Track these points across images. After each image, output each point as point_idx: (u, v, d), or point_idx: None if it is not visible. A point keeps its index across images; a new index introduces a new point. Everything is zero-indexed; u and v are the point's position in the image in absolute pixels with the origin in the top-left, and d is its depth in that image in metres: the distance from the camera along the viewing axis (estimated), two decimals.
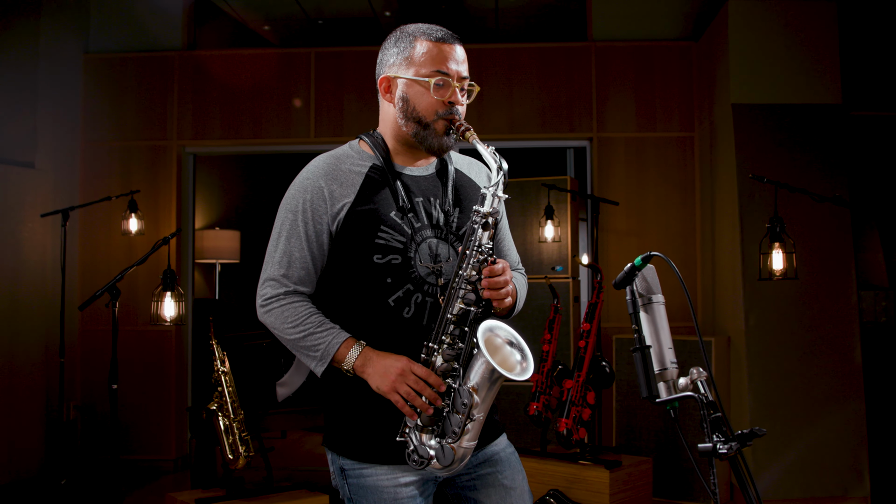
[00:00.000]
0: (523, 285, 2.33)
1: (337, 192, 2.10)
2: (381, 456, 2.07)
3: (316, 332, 2.07)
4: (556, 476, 4.74)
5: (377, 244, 2.08)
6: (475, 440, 1.99)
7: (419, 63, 2.10)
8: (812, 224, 5.07)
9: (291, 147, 6.48)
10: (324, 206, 2.10)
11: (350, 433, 2.13)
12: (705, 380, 1.70)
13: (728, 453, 1.60)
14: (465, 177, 2.28)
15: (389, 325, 2.09)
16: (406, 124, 2.14)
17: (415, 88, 2.11)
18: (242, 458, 4.36)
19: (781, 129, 5.26)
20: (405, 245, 2.09)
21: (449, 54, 2.11)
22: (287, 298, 2.11)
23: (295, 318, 2.09)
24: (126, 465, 6.16)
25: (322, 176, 2.12)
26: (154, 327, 5.15)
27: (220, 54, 6.61)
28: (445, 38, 2.13)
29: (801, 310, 5.08)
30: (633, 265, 1.79)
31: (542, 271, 5.90)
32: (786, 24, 5.34)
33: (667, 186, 6.19)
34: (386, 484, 2.07)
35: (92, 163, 6.43)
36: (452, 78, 2.10)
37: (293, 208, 2.12)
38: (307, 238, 2.10)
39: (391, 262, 2.08)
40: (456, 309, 1.99)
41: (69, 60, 6.34)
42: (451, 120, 2.11)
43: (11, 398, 5.41)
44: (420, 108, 2.11)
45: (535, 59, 6.41)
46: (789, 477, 4.99)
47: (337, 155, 2.18)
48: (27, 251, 5.58)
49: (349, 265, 2.12)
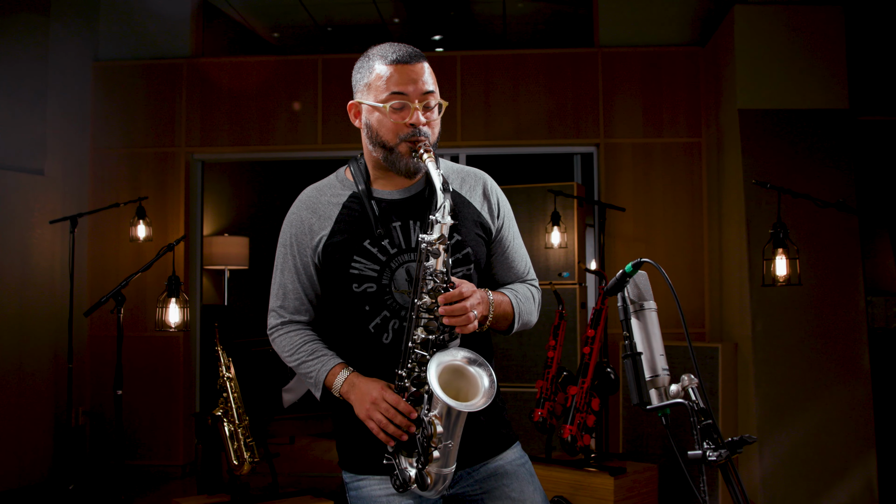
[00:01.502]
0: (529, 298, 2.28)
1: (316, 225, 2.16)
2: (373, 467, 2.09)
3: (308, 361, 2.16)
4: (561, 483, 4.73)
5: (352, 274, 2.11)
6: (450, 466, 1.97)
7: (376, 88, 2.08)
8: (819, 229, 5.05)
9: (299, 154, 6.51)
10: (306, 239, 2.17)
11: (346, 447, 2.19)
12: (696, 387, 1.69)
13: (717, 461, 1.60)
14: (456, 195, 2.22)
15: (371, 351, 2.12)
16: (374, 149, 2.14)
17: (375, 114, 2.09)
18: (247, 464, 4.37)
19: (788, 134, 5.24)
20: (379, 273, 2.11)
21: (405, 75, 2.06)
22: (284, 328, 2.22)
23: (291, 347, 2.20)
24: (135, 471, 6.19)
25: (304, 209, 2.20)
26: (159, 333, 5.17)
27: (228, 61, 6.65)
28: (401, 58, 2.07)
29: (808, 316, 5.05)
30: (623, 272, 1.78)
31: (548, 277, 5.89)
32: (792, 28, 5.32)
33: (674, 192, 6.17)
34: (379, 493, 2.10)
35: (101, 170, 6.47)
36: (411, 98, 2.05)
37: (284, 242, 2.21)
38: (296, 271, 2.19)
39: (367, 291, 2.11)
40: (418, 337, 1.98)
41: (78, 68, 6.38)
42: (413, 142, 2.06)
43: (21, 403, 5.44)
44: (382, 133, 2.09)
45: (541, 65, 6.41)
46: (797, 484, 4.96)
47: (320, 187, 2.24)
48: (36, 257, 5.62)
49: (333, 294, 2.18)
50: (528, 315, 2.26)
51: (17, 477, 5.36)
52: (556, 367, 4.90)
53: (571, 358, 5.68)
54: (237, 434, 4.40)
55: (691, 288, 6.09)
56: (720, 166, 5.73)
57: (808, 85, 5.28)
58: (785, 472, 4.95)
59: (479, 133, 6.39)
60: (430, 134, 2.09)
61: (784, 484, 4.96)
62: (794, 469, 4.95)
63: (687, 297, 6.08)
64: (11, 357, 5.39)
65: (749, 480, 5.12)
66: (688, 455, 1.62)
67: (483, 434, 2.14)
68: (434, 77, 2.13)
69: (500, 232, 2.27)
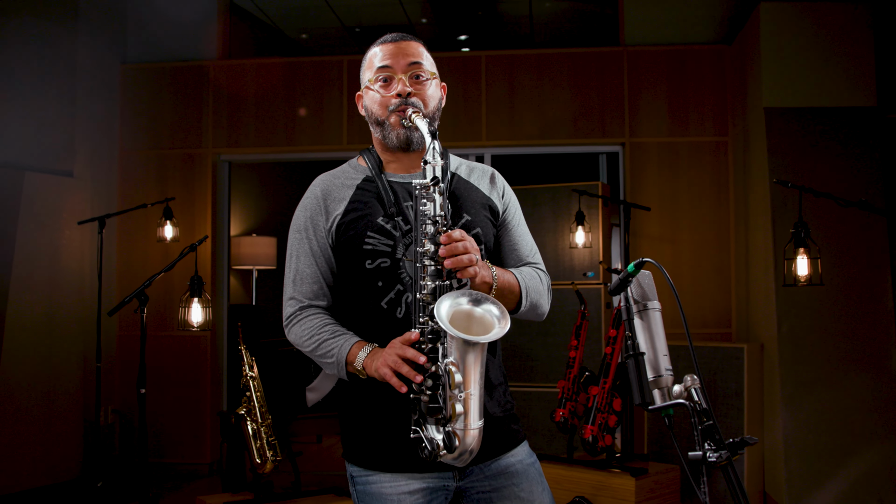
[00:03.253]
0: (534, 277, 2.25)
1: (331, 207, 2.19)
2: (386, 464, 2.08)
3: (328, 340, 2.12)
4: (582, 483, 4.72)
5: (365, 250, 2.11)
6: (476, 423, 1.90)
7: (369, 69, 2.21)
8: (846, 229, 4.99)
9: (324, 154, 6.54)
10: (322, 220, 2.19)
11: (357, 441, 2.16)
12: (698, 388, 1.68)
13: (718, 462, 1.59)
14: (464, 181, 2.26)
15: (385, 327, 2.10)
16: (374, 130, 2.23)
17: (369, 94, 2.21)
18: (270, 463, 4.41)
19: (815, 132, 5.18)
20: (392, 248, 2.11)
21: (389, 51, 2.18)
22: (303, 314, 2.19)
23: (309, 330, 2.16)
24: (163, 469, 6.26)
25: (319, 192, 2.22)
26: (187, 333, 5.22)
27: (254, 63, 6.70)
28: (387, 38, 2.20)
29: (835, 317, 4.99)
30: (626, 271, 1.77)
31: (573, 277, 5.88)
32: (819, 26, 5.26)
33: (700, 191, 6.13)
34: (389, 491, 2.08)
35: (129, 171, 6.55)
36: (395, 71, 2.16)
37: (298, 227, 2.23)
38: (313, 253, 2.19)
39: (380, 266, 2.11)
40: (426, 287, 1.95)
41: (107, 71, 6.47)
42: (402, 111, 2.13)
43: (51, 402, 5.52)
44: (375, 109, 2.19)
45: (566, 65, 6.39)
46: (822, 485, 4.91)
47: (334, 172, 2.28)
48: (65, 258, 5.69)
49: (347, 273, 2.18)
50: (537, 294, 2.22)
51: (46, 475, 5.44)
52: (578, 367, 4.89)
53: (596, 358, 5.66)
54: (260, 433, 4.43)
55: (718, 288, 6.04)
56: (746, 165, 5.68)
57: (835, 82, 5.22)
58: (811, 472, 4.90)
59: (504, 133, 6.38)
60: (419, 104, 2.14)
61: (810, 485, 4.90)
62: (820, 469, 4.90)
63: (713, 297, 6.04)
64: (41, 357, 5.47)
65: (774, 481, 5.07)
66: (688, 456, 1.60)
67: (496, 429, 2.11)
68: (428, 56, 2.23)
69: (506, 213, 2.29)
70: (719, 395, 5.10)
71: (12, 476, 5.22)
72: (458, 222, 2.16)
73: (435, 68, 2.26)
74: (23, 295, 5.34)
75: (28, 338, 5.37)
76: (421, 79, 2.18)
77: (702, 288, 6.05)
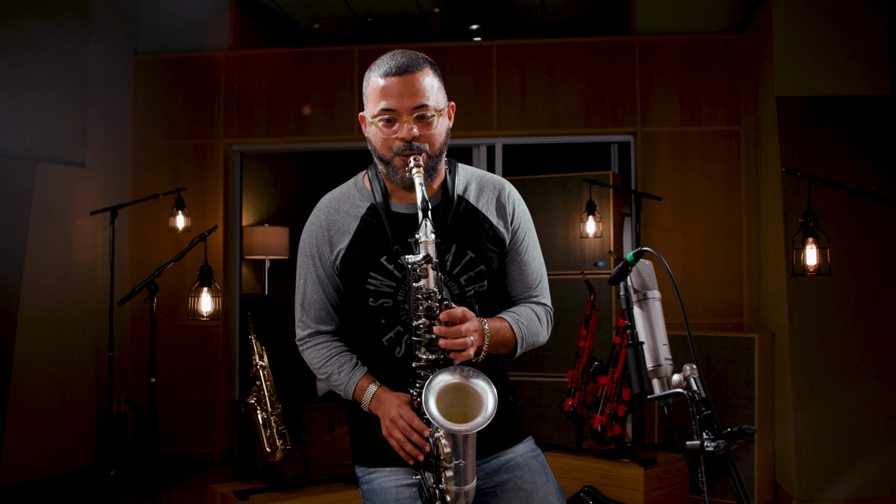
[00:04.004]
0: (533, 319, 2.23)
1: (335, 238, 2.15)
2: (384, 459, 2.12)
3: (335, 374, 2.17)
4: (591, 473, 4.72)
5: (368, 289, 2.11)
6: (468, 483, 1.95)
7: (371, 101, 2.06)
8: (859, 219, 4.96)
9: (335, 144, 6.56)
10: (327, 250, 2.17)
11: (358, 440, 2.23)
12: (697, 377, 1.68)
13: (715, 451, 1.59)
14: (471, 208, 2.18)
15: (385, 363, 2.14)
16: (378, 164, 2.14)
17: (371, 128, 2.09)
18: (280, 452, 4.43)
19: (828, 121, 5.15)
20: (394, 289, 2.10)
21: (393, 88, 2.01)
22: (311, 341, 2.22)
23: (319, 360, 2.20)
24: (176, 458, 6.31)
25: (324, 220, 2.18)
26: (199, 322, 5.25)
27: (266, 53, 6.71)
28: (391, 70, 2.01)
29: (846, 307, 4.96)
30: (625, 261, 1.77)
31: (583, 267, 5.87)
32: (831, 13, 5.21)
33: (712, 181, 6.10)
34: (388, 485, 2.13)
35: (141, 161, 6.58)
36: (400, 113, 2.01)
37: (305, 252, 2.21)
38: (320, 281, 2.19)
39: (383, 306, 2.12)
40: (423, 359, 1.97)
41: (119, 61, 6.49)
42: (405, 156, 2.02)
43: (64, 392, 5.56)
44: (378, 147, 2.09)
45: (578, 54, 6.36)
46: (834, 477, 4.89)
47: (339, 196, 2.21)
48: (78, 248, 5.73)
49: (352, 303, 2.19)
50: (535, 336, 2.22)
51: (59, 463, 5.49)
52: (588, 357, 4.88)
53: (606, 348, 5.65)
54: (270, 422, 4.46)
55: (729, 278, 6.01)
56: (758, 154, 5.65)
57: (848, 71, 5.18)
58: (822, 463, 4.88)
59: (515, 122, 6.37)
60: (425, 147, 2.03)
61: (821, 476, 4.89)
62: (830, 460, 4.88)
63: (725, 287, 6.01)
64: (55, 346, 5.50)
65: (785, 471, 5.06)
66: (686, 445, 1.61)
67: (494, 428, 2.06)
68: (437, 84, 2.07)
69: (514, 238, 2.21)
70: (730, 386, 5.08)
71: (26, 464, 5.27)
72: (461, 259, 2.11)
73: (443, 97, 2.10)
74: (36, 285, 5.38)
75: (41, 328, 5.41)
76: (426, 118, 2.03)
77: (713, 278, 6.03)
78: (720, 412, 5.10)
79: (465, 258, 2.12)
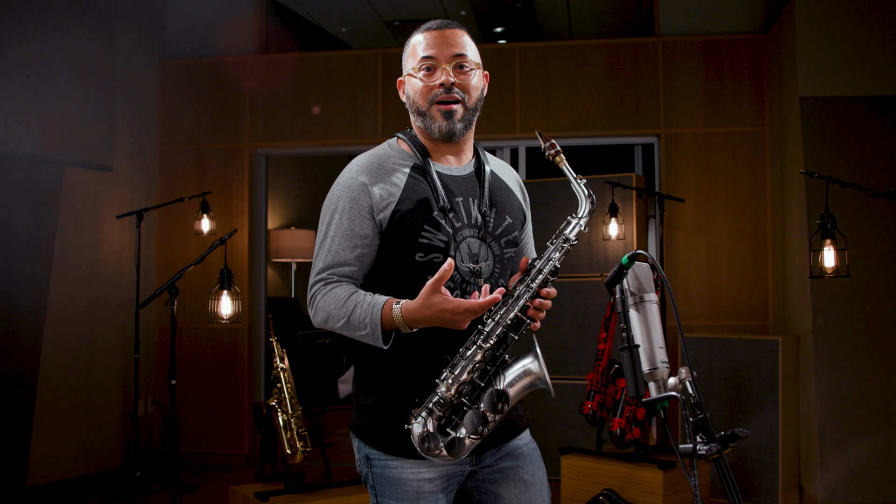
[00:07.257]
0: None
1: (382, 191, 2.11)
2: (409, 451, 2.05)
3: (360, 305, 2.02)
4: (611, 476, 4.70)
5: (420, 243, 2.09)
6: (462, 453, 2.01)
7: (412, 57, 2.18)
8: (883, 221, 4.89)
9: (360, 147, 6.56)
10: (368, 202, 2.10)
11: (380, 425, 2.13)
12: (692, 381, 1.67)
13: (708, 455, 1.58)
14: (498, 179, 2.30)
15: None
16: (415, 119, 2.21)
17: (411, 82, 2.19)
18: (300, 453, 4.46)
19: (852, 121, 5.09)
20: (447, 244, 2.10)
21: (433, 40, 2.15)
22: (328, 286, 2.10)
23: (337, 300, 2.06)
24: (202, 459, 6.37)
25: (366, 174, 2.13)
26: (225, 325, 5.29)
27: (291, 57, 6.76)
28: (431, 26, 2.17)
29: (870, 309, 4.90)
30: (620, 264, 1.77)
31: (606, 269, 5.84)
32: (856, 12, 5.15)
33: (736, 182, 6.05)
34: (410, 477, 2.10)
35: (168, 165, 6.66)
36: (439, 60, 2.13)
37: (335, 208, 2.14)
38: (352, 236, 2.10)
39: (433, 261, 2.09)
40: (513, 315, 2.00)
41: (145, 66, 6.58)
42: (443, 102, 2.13)
43: (92, 393, 5.64)
44: (416, 98, 2.17)
45: (601, 56, 6.35)
46: (857, 481, 4.84)
47: (378, 154, 2.19)
48: (105, 251, 5.81)
49: (392, 263, 2.13)
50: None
51: (87, 464, 5.57)
52: (607, 360, 4.86)
53: None
54: (290, 424, 4.49)
55: (755, 280, 5.96)
56: (782, 155, 5.60)
57: (873, 70, 5.12)
58: (844, 467, 4.83)
59: (538, 124, 6.36)
60: (464, 95, 2.14)
61: (846, 480, 4.83)
62: (853, 464, 4.82)
63: (750, 289, 5.97)
64: (82, 348, 5.59)
65: (810, 476, 5.01)
66: (679, 448, 1.60)
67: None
68: (472, 45, 2.19)
69: (526, 222, 2.35)
70: (754, 389, 5.04)
71: (54, 465, 5.35)
72: (500, 223, 2.20)
73: (479, 57, 2.21)
74: (63, 288, 5.47)
75: (69, 330, 5.50)
76: (465, 69, 2.16)
77: (738, 280, 5.98)
78: (744, 415, 5.06)
79: (504, 223, 2.21)
